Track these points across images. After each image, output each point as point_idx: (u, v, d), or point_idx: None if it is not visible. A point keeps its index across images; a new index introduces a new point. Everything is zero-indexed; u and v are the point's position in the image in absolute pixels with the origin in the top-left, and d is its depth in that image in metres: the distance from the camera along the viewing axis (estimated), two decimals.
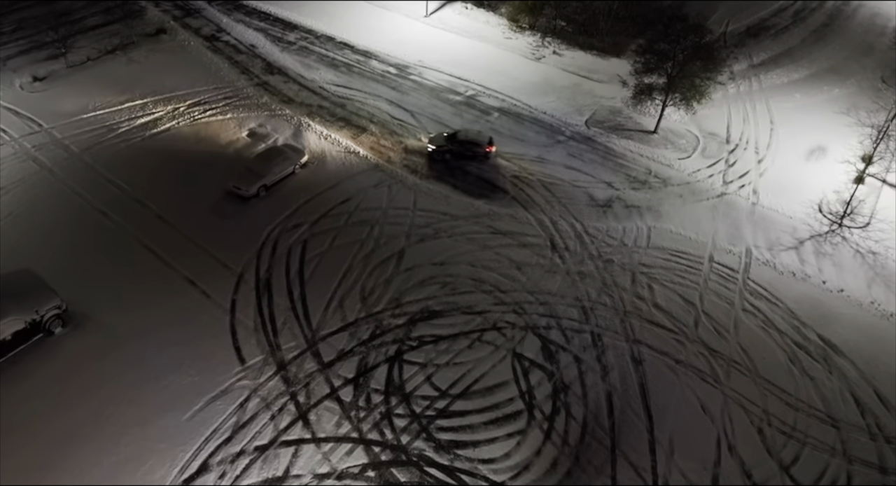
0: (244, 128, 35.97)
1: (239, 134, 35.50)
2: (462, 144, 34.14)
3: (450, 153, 34.28)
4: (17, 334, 23.10)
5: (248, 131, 35.69)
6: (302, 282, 27.00)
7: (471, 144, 34.15)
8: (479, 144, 34.20)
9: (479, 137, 34.76)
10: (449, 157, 34.29)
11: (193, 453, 20.70)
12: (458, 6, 50.11)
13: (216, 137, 35.11)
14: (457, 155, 34.23)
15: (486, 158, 34.48)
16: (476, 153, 34.24)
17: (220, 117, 36.68)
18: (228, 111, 37.19)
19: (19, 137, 33.97)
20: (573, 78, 42.43)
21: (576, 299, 26.87)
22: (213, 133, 35.42)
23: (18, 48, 41.70)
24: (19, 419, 21.34)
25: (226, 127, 35.98)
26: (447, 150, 34.27)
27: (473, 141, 34.29)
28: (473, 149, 34.17)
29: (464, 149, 34.15)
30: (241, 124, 36.21)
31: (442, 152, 34.29)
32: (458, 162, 34.24)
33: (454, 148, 34.17)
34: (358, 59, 43.21)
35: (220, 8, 48.16)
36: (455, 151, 34.19)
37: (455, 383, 23.34)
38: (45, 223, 28.95)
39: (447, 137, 34.65)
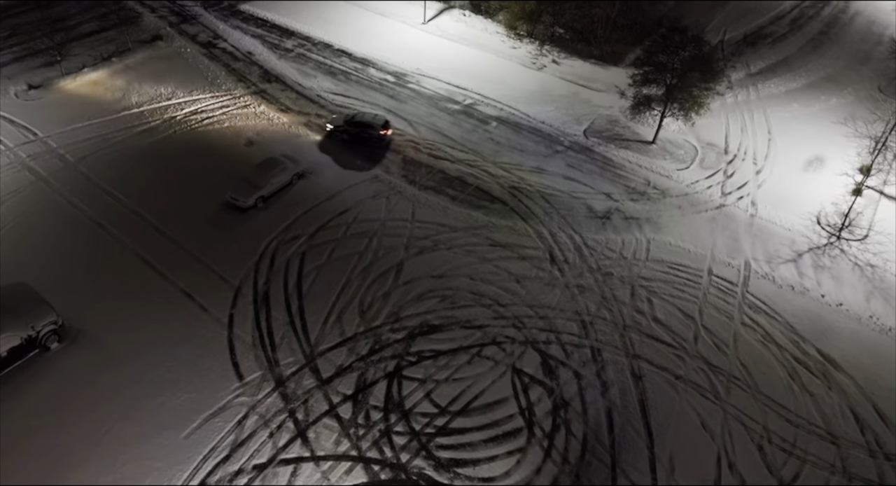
0: (242, 137, 35.77)
1: (237, 143, 35.29)
2: (357, 126, 35.39)
3: (346, 134, 35.56)
4: (13, 351, 22.85)
5: (246, 141, 35.49)
6: (300, 295, 26.84)
7: (365, 127, 35.32)
8: (372, 127, 35.33)
9: (374, 120, 35.74)
10: (346, 137, 35.54)
11: (191, 472, 20.52)
12: (455, 13, 50.03)
13: (214, 147, 34.89)
14: (353, 137, 35.47)
15: (381, 140, 35.53)
16: (371, 135, 35.34)
17: (218, 126, 36.47)
18: (226, 120, 36.99)
19: (14, 147, 33.65)
20: (571, 87, 42.41)
21: (575, 313, 26.81)
22: (211, 142, 35.20)
23: (13, 55, 41.32)
24: (14, 437, 21.10)
25: (223, 136, 35.78)
26: (344, 130, 35.62)
27: (368, 124, 35.41)
28: (368, 131, 35.33)
29: (359, 131, 35.36)
30: (239, 133, 36.01)
31: (339, 132, 35.68)
32: (354, 146, 35.32)
33: (350, 129, 35.45)
34: (356, 67, 43.06)
35: (216, 14, 47.93)
36: (351, 132, 35.46)
37: (455, 399, 23.23)
38: (40, 235, 28.67)
39: (346, 120, 35.84)
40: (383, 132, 35.35)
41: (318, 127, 36.69)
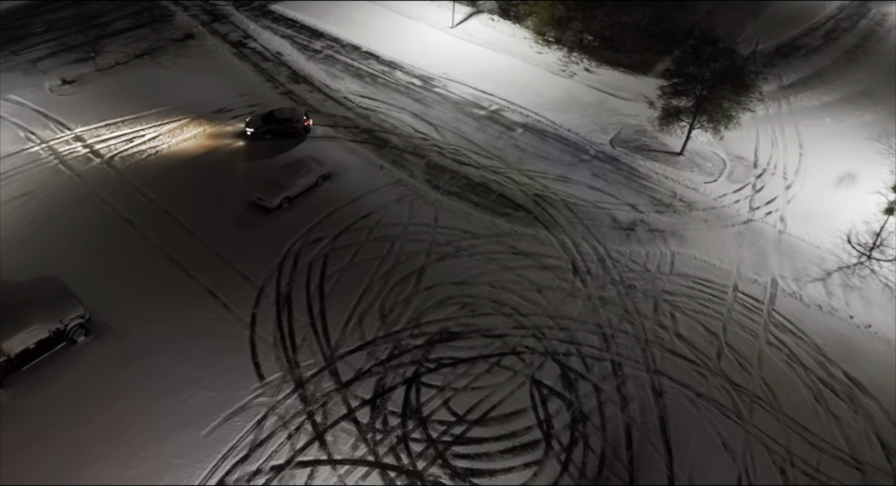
0: (267, 137, 36.02)
1: (262, 144, 35.55)
2: (279, 122, 35.25)
3: (269, 133, 35.20)
4: (41, 343, 23.30)
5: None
6: (322, 297, 26.99)
7: (287, 121, 35.31)
8: (295, 120, 35.38)
9: (293, 113, 35.84)
10: (269, 137, 35.16)
11: (210, 470, 20.72)
12: (484, 18, 49.98)
13: (239, 147, 35.24)
14: (277, 134, 35.22)
15: (306, 132, 35.67)
16: (295, 129, 35.45)
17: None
18: None
19: (47, 141, 34.36)
20: (598, 95, 42.11)
21: (597, 325, 26.59)
22: (237, 142, 35.55)
23: (48, 50, 42.21)
24: (39, 428, 21.51)
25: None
26: (266, 130, 35.17)
27: (289, 118, 35.45)
28: (292, 125, 35.38)
29: (283, 126, 35.32)
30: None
31: (261, 133, 35.14)
32: (278, 141, 35.12)
33: (272, 127, 35.16)
34: (383, 70, 43.21)
35: (247, 14, 48.46)
36: (274, 129, 35.21)
37: (473, 408, 23.16)
38: (70, 230, 29.20)
39: (263, 118, 35.44)
40: (307, 123, 35.70)
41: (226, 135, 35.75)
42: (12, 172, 32.01)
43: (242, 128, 35.76)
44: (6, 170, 32.06)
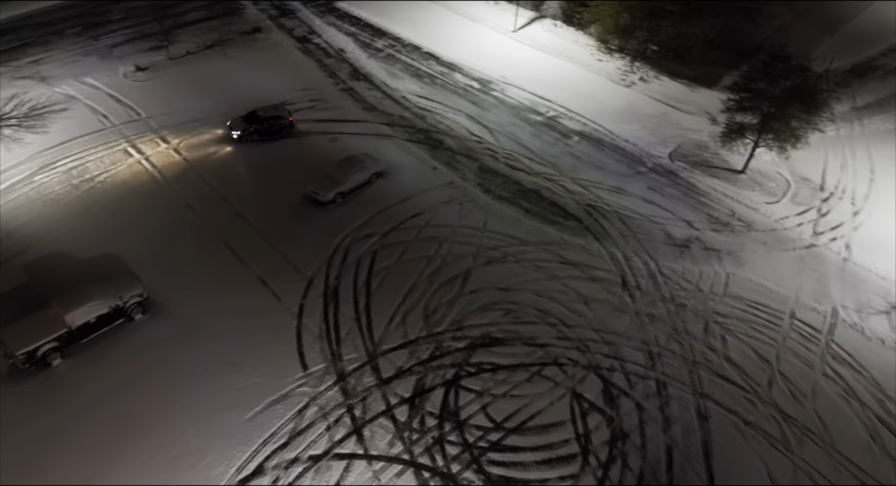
0: (326, 132, 36.75)
1: (321, 138, 36.30)
2: (265, 121, 34.98)
3: (256, 133, 34.95)
4: (101, 318, 24.37)
5: (331, 137, 36.45)
6: (368, 293, 27.32)
7: (274, 119, 35.09)
8: (282, 117, 35.19)
9: (276, 110, 35.51)
10: (257, 137, 34.96)
11: (251, 454, 21.26)
12: (547, 23, 49.58)
13: (298, 140, 36.02)
14: (263, 133, 35.06)
15: (292, 127, 35.62)
16: (282, 126, 35.31)
17: (305, 119, 37.59)
18: (313, 114, 38.10)
19: (118, 124, 35.91)
20: (660, 107, 41.22)
21: (643, 342, 26.04)
22: (296, 135, 36.34)
23: (125, 37, 44.10)
24: (93, 398, 22.51)
25: (309, 129, 36.86)
26: (253, 130, 34.86)
27: (275, 115, 35.17)
28: (279, 122, 35.20)
29: (270, 125, 35.09)
30: (325, 129, 37.02)
31: (249, 134, 34.81)
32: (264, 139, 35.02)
33: (259, 127, 34.93)
34: (442, 71, 43.42)
35: (313, 10, 49.46)
36: (261, 129, 35.00)
37: (510, 416, 23.03)
38: (134, 211, 30.44)
39: (246, 119, 35.16)
40: (292, 118, 35.64)
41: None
42: (84, 153, 33.59)
43: (227, 132, 35.31)
44: (78, 151, 33.65)
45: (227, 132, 35.31)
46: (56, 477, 20.19)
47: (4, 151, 33.38)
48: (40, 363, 23.17)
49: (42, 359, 23.13)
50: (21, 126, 35.29)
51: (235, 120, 35.47)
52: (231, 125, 35.28)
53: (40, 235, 28.78)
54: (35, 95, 37.78)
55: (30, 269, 27.13)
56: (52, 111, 36.53)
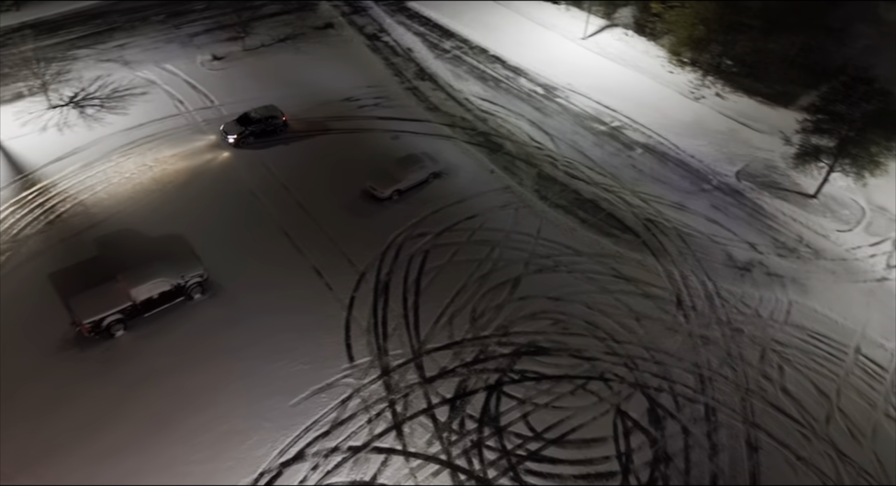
0: (388, 130, 37.23)
1: (383, 135, 36.81)
2: (260, 122, 34.85)
3: (252, 135, 34.77)
4: (163, 295, 25.44)
5: (393, 135, 36.90)
6: (417, 291, 27.51)
7: (267, 120, 35.03)
8: (275, 117, 35.20)
9: (268, 111, 35.41)
10: (252, 139, 34.73)
11: (293, 439, 21.74)
12: (618, 31, 48.77)
13: (361, 136, 36.63)
14: (259, 135, 34.93)
15: (286, 126, 35.68)
16: (276, 126, 35.34)
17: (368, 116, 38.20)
18: (377, 111, 38.68)
19: (192, 110, 37.40)
20: (730, 123, 39.90)
21: (694, 364, 25.26)
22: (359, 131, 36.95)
23: (204, 27, 45.96)
24: (151, 370, 23.51)
25: (372, 126, 37.45)
26: (249, 132, 34.68)
27: (267, 116, 35.10)
28: (273, 123, 35.23)
29: (264, 126, 35.01)
30: (387, 126, 37.52)
31: (245, 137, 34.57)
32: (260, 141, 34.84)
33: (254, 129, 34.75)
34: (507, 75, 43.32)
35: (385, 8, 50.23)
36: (256, 131, 34.84)
37: (551, 427, 22.75)
38: (200, 194, 31.64)
39: (239, 122, 34.90)
40: (285, 118, 35.62)
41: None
42: (160, 135, 35.15)
43: (221, 137, 34.80)
44: (153, 132, 35.23)
45: (223, 137, 34.68)
46: (109, 443, 21.18)
47: (86, 129, 35.31)
48: (104, 334, 24.37)
49: (106, 330, 24.33)
50: (103, 106, 37.28)
51: (229, 124, 34.97)
52: (225, 129, 34.65)
53: (113, 211, 30.30)
54: (118, 77, 39.84)
55: (100, 243, 28.60)
56: (132, 94, 38.43)
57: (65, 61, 40.51)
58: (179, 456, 20.96)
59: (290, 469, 20.94)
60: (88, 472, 20.35)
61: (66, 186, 31.49)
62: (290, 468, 21.00)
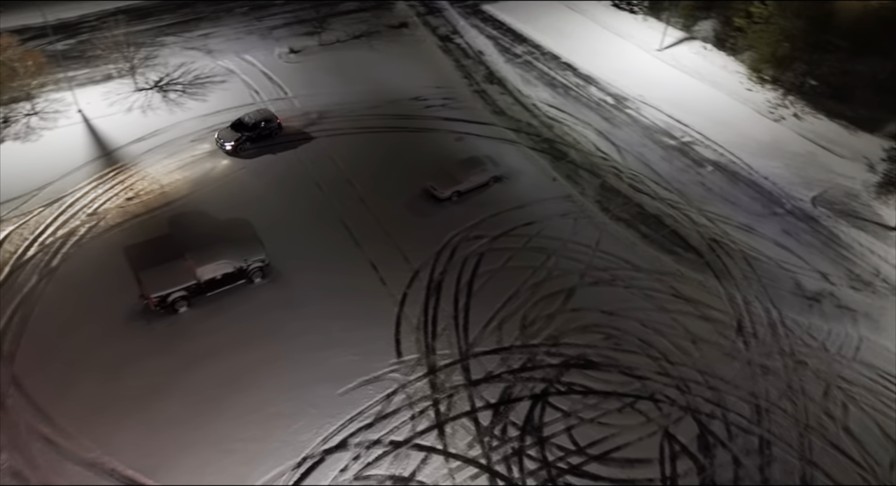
0: (453, 131, 37.42)
1: (447, 136, 37.02)
2: (256, 127, 34.21)
3: (249, 141, 34.09)
4: (226, 276, 26.41)
5: (457, 136, 37.08)
6: (469, 293, 27.53)
7: (266, 122, 34.51)
8: (270, 120, 34.62)
9: (261, 114, 34.83)
10: (249, 145, 34.08)
11: (338, 428, 22.14)
12: (696, 44, 47.40)
13: (426, 136, 36.97)
14: (255, 140, 34.28)
15: (281, 129, 35.11)
16: (272, 129, 34.75)
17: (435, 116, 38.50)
18: (443, 112, 38.95)
19: (266, 100, 38.67)
20: (809, 146, 38.10)
21: (751, 394, 24.25)
22: (425, 131, 37.31)
23: (284, 20, 47.45)
24: (209, 348, 24.41)
25: (437, 126, 37.73)
26: (246, 138, 33.99)
27: (262, 120, 34.48)
28: (269, 127, 34.62)
29: (261, 130, 34.38)
30: (451, 127, 37.73)
31: (241, 143, 33.87)
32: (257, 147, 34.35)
33: (251, 134, 34.07)
34: (577, 83, 42.81)
35: (459, 10, 50.54)
36: (252, 136, 34.17)
37: (595, 443, 22.31)
38: (268, 181, 32.71)
39: (235, 128, 34.20)
40: (279, 120, 35.16)
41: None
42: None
43: (217, 146, 34.11)
44: (229, 119, 36.52)
45: (219, 145, 34.00)
46: (165, 413, 22.16)
47: (168, 113, 37.07)
48: (169, 309, 25.50)
49: (171, 305, 25.45)
50: (185, 92, 39.04)
51: (223, 131, 34.23)
52: (221, 137, 33.89)
53: (185, 192, 31.68)
54: (200, 65, 41.64)
55: (172, 221, 29.97)
56: (212, 82, 40.09)
57: (153, 47, 42.67)
58: (229, 433, 21.71)
59: (332, 457, 21.34)
60: (144, 438, 21.34)
61: (145, 166, 33.15)
62: (332, 455, 21.40)
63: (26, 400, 22.26)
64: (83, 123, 36.03)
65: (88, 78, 39.60)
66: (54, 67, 37.51)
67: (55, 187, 31.30)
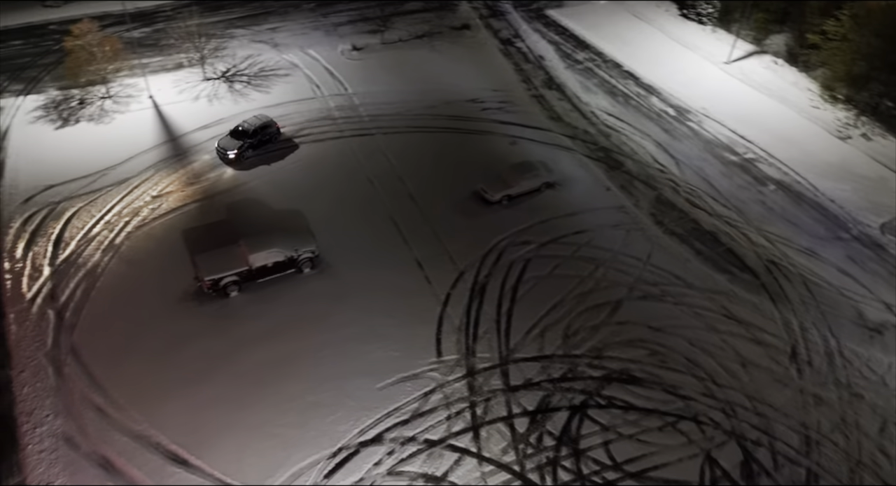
0: (508, 134, 37.29)
1: (502, 139, 36.92)
2: (256, 134, 33.83)
3: (251, 148, 33.70)
4: (277, 265, 27.05)
5: (511, 140, 36.93)
6: (513, 298, 27.36)
7: (265, 128, 34.25)
8: (270, 126, 34.49)
9: (258, 120, 34.37)
10: (251, 152, 33.71)
11: (374, 421, 22.36)
12: (766, 59, 45.79)
13: (480, 138, 36.96)
14: (257, 146, 33.95)
15: (279, 135, 34.90)
16: (271, 135, 34.59)
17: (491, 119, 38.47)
18: (499, 115, 38.87)
19: (327, 95, 39.45)
20: (881, 170, 36.26)
21: (802, 424, 23.25)
22: (479, 133, 37.32)
23: (349, 17, 48.34)
24: (256, 333, 25.07)
25: (492, 129, 37.68)
26: (249, 145, 33.59)
27: (261, 126, 34.17)
28: (268, 132, 34.43)
29: (261, 136, 34.07)
30: (506, 130, 37.60)
31: (244, 151, 33.42)
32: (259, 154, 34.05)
33: (252, 141, 33.67)
34: (638, 93, 42.01)
35: (523, 14, 50.36)
36: (254, 143, 33.79)
37: (633, 460, 21.81)
38: (322, 174, 33.35)
39: (234, 135, 33.69)
40: (277, 126, 34.91)
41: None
42: (294, 115, 37.40)
43: (219, 156, 33.55)
44: (289, 112, 37.52)
45: (221, 155, 33.38)
46: (211, 393, 22.86)
47: (232, 103, 38.28)
48: (221, 292, 26.29)
49: (223, 289, 26.24)
50: (250, 83, 40.23)
51: (224, 139, 33.65)
52: (223, 146, 33.33)
53: (244, 180, 32.64)
54: (266, 58, 42.84)
55: (230, 208, 30.91)
56: (276, 74, 41.18)
57: (222, 38, 44.11)
58: (269, 418, 22.22)
59: (367, 450, 21.57)
60: (189, 415, 22.07)
61: (208, 153, 34.30)
62: (367, 448, 21.62)
63: (83, 369, 23.36)
64: (153, 108, 37.59)
65: (161, 65, 41.29)
66: (130, 54, 39.26)
67: (123, 168, 32.78)
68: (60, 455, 20.74)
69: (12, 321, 24.84)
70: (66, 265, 27.36)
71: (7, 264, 27.27)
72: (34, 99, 37.73)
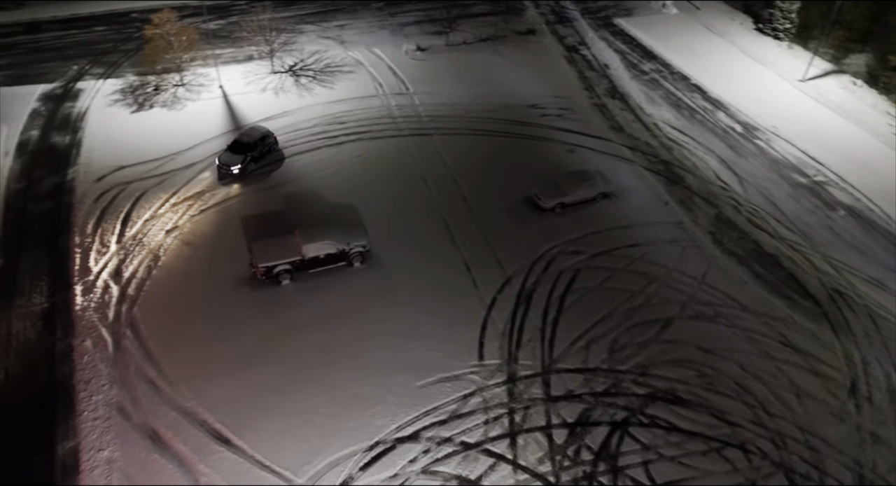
0: (566, 142, 36.89)
1: (559, 147, 36.55)
2: (256, 146, 33.38)
3: (253, 161, 33.27)
4: (328, 257, 27.58)
5: (569, 147, 36.51)
6: (560, 308, 27.03)
7: (265, 138, 33.93)
8: (269, 136, 34.26)
9: (256, 131, 34.02)
10: (253, 165, 33.28)
11: (412, 419, 22.49)
12: (844, 79, 43.77)
13: (538, 144, 36.68)
14: (258, 159, 33.56)
15: (277, 144, 34.60)
16: (271, 146, 34.32)
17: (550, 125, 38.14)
18: (559, 122, 38.50)
19: (388, 93, 39.97)
20: None
21: (856, 462, 22.07)
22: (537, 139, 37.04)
23: (416, 18, 48.86)
24: (305, 322, 25.64)
25: (550, 136, 37.34)
26: (251, 158, 33.09)
27: (262, 136, 33.84)
28: (267, 142, 34.05)
29: (262, 148, 33.72)
30: (565, 138, 37.21)
31: (247, 164, 32.82)
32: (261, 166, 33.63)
33: (254, 153, 33.19)
34: (705, 107, 40.85)
35: (590, 21, 49.78)
36: (256, 155, 33.35)
37: (673, 483, 21.19)
38: (378, 171, 33.81)
39: (235, 150, 32.98)
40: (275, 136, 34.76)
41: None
42: (357, 111, 38.09)
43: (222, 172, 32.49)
44: (352, 108, 38.20)
45: (223, 170, 32.46)
46: (256, 376, 23.48)
47: (297, 96, 39.26)
48: (273, 280, 27.00)
49: (276, 276, 26.93)
50: (315, 78, 41.18)
51: (225, 155, 32.76)
52: (225, 161, 32.41)
53: (302, 172, 33.43)
54: (332, 54, 43.77)
55: (287, 199, 31.69)
56: (341, 71, 42.03)
57: (292, 33, 45.33)
58: (311, 406, 22.66)
59: (403, 446, 21.71)
60: (236, 396, 22.73)
61: None
62: (403, 444, 21.76)
63: (140, 344, 24.40)
64: (222, 98, 38.97)
65: (232, 57, 42.78)
66: (204, 44, 40.81)
67: (191, 154, 34.09)
68: (113, 424, 21.71)
69: (78, 293, 26.19)
70: (131, 243, 28.66)
71: (77, 238, 28.77)
72: (113, 83, 39.72)
